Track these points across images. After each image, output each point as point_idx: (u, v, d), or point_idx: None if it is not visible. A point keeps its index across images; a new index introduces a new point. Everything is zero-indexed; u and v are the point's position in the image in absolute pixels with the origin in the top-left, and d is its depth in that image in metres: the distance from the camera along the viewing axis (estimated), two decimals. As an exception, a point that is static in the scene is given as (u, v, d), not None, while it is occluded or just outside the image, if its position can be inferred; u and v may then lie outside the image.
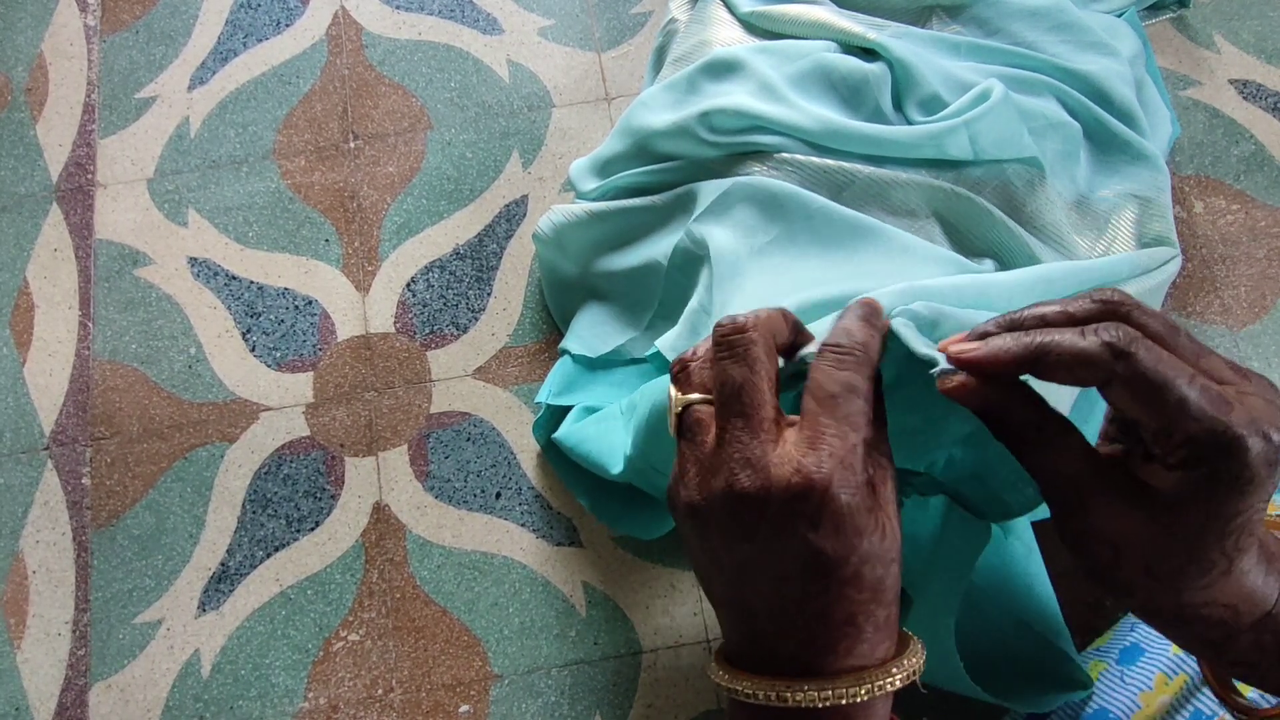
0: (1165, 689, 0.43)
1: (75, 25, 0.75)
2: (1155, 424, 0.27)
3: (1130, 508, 0.28)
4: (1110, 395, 0.28)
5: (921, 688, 0.31)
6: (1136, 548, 0.28)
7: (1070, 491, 0.29)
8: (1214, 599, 0.28)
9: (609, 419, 0.53)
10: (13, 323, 0.66)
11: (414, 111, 0.71)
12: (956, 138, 0.52)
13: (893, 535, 0.29)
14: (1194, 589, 0.27)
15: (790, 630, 0.29)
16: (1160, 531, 0.27)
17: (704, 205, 0.52)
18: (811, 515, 0.27)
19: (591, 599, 0.58)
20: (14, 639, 0.58)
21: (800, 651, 0.29)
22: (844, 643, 0.29)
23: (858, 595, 0.28)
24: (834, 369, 0.29)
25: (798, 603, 0.28)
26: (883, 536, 0.28)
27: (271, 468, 0.62)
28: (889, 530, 0.29)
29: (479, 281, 0.66)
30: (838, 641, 0.29)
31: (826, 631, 0.29)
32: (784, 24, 0.59)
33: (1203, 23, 0.72)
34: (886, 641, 0.29)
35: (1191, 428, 0.26)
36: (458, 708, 0.56)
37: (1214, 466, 0.26)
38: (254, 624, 0.58)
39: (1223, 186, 0.67)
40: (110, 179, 0.70)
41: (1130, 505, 0.28)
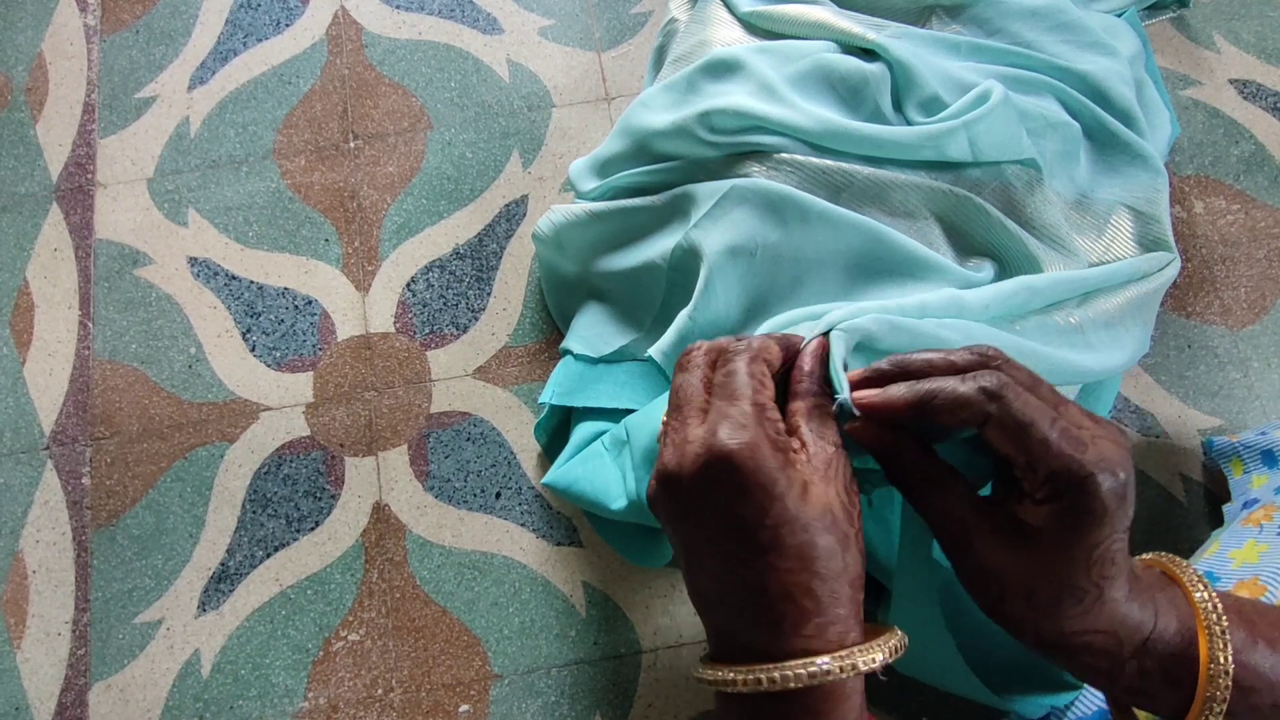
0: None
1: (75, 25, 0.75)
2: (1022, 459, 0.31)
3: (1009, 544, 0.31)
4: (986, 434, 0.31)
5: (880, 676, 0.31)
6: (1017, 580, 0.31)
7: (957, 532, 0.32)
8: (1092, 626, 0.31)
9: (594, 457, 0.53)
10: (13, 322, 0.66)
11: (414, 111, 0.71)
12: (955, 139, 0.52)
13: (820, 504, 0.30)
14: (1072, 617, 0.31)
15: (739, 610, 0.31)
16: (1035, 564, 0.31)
17: (703, 209, 0.52)
18: (719, 480, 0.30)
19: (591, 599, 0.58)
20: (14, 639, 0.59)
21: (754, 634, 0.31)
22: (787, 621, 0.30)
23: (782, 564, 0.30)
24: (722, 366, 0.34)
25: (737, 577, 0.31)
26: (803, 499, 0.30)
27: (271, 468, 0.62)
28: (815, 496, 0.30)
29: (479, 281, 0.66)
30: (781, 619, 0.30)
31: (767, 608, 0.30)
32: (784, 24, 0.59)
33: (1203, 23, 0.72)
34: (837, 625, 0.30)
35: (1052, 464, 0.30)
36: (458, 707, 0.56)
37: (1071, 500, 0.30)
38: (254, 624, 0.58)
39: (1223, 186, 0.67)
40: (110, 179, 0.70)
41: (1009, 541, 0.32)
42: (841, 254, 0.51)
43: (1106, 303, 0.51)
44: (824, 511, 0.30)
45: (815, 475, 0.31)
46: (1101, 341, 0.50)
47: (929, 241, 0.52)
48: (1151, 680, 0.31)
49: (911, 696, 0.54)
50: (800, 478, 0.30)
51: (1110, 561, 0.30)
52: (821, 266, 0.51)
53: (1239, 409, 0.61)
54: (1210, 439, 0.58)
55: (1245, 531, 0.48)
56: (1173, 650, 0.31)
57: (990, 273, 0.52)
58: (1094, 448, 0.30)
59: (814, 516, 0.30)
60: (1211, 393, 0.62)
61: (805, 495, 0.30)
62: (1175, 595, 0.32)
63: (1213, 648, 0.31)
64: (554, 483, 0.55)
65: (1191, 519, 0.58)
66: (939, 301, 0.45)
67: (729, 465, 0.30)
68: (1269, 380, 0.62)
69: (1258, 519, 0.49)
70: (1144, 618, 0.31)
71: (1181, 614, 0.32)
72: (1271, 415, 0.61)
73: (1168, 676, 0.31)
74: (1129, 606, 0.31)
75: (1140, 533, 0.57)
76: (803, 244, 0.51)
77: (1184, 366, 0.62)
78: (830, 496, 0.31)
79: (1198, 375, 0.62)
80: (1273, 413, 0.61)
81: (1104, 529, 0.30)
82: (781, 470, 0.30)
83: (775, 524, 0.30)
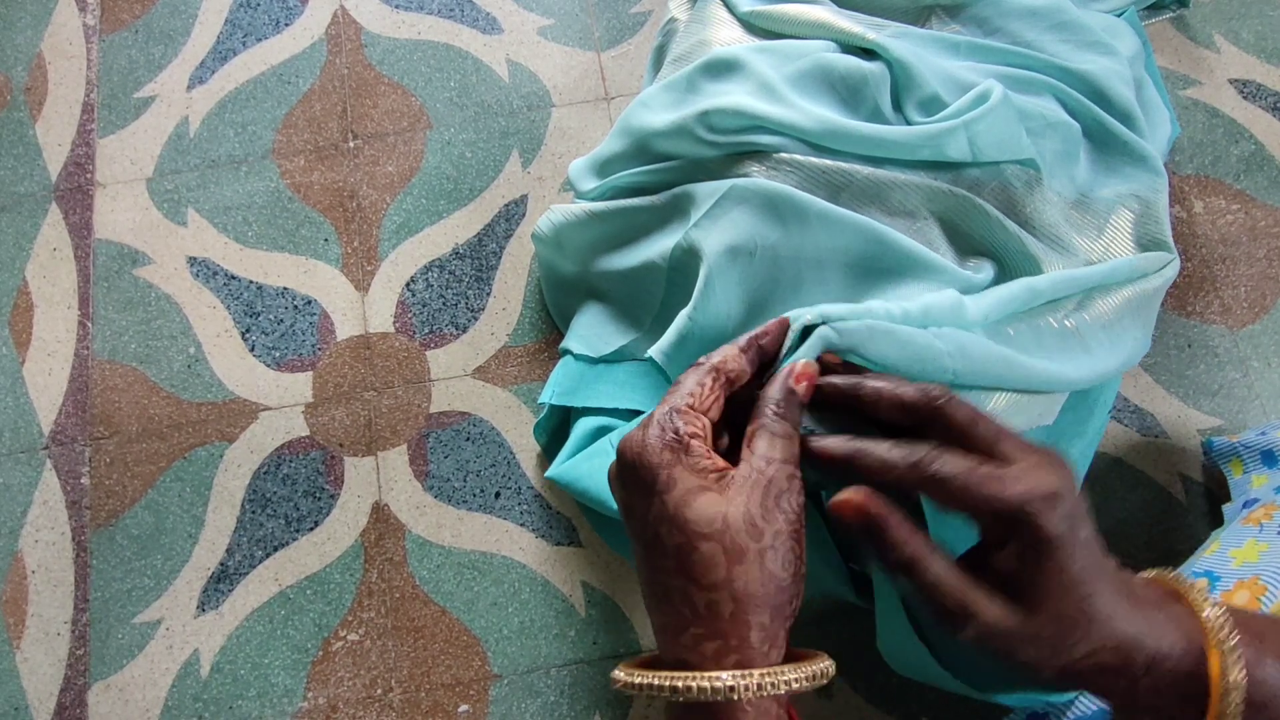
0: None
1: (75, 25, 0.75)
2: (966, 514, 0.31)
3: (1003, 599, 0.31)
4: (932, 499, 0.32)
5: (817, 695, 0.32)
6: (1020, 630, 0.31)
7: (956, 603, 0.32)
8: (1098, 645, 0.31)
9: (599, 454, 0.53)
10: (12, 322, 0.66)
11: (413, 111, 0.71)
12: (955, 139, 0.52)
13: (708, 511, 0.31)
14: (1075, 644, 0.31)
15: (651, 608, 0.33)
16: (1029, 609, 0.31)
17: (702, 209, 0.52)
18: (622, 477, 0.33)
19: (591, 599, 0.58)
20: (13, 639, 0.58)
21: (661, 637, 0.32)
22: (670, 627, 0.31)
23: (664, 561, 0.31)
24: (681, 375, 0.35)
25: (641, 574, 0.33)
26: (684, 502, 0.31)
27: (271, 467, 0.62)
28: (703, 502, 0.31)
29: (478, 281, 0.66)
30: (665, 624, 0.31)
31: (655, 609, 0.32)
32: (783, 24, 0.59)
33: (1203, 23, 0.72)
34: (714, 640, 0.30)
35: (989, 509, 0.30)
36: (457, 707, 0.56)
37: (1021, 536, 0.30)
38: (253, 624, 0.58)
39: (1223, 186, 0.67)
40: (109, 179, 0.70)
41: (1002, 598, 0.31)
42: (841, 253, 0.51)
43: (1105, 303, 0.51)
44: (710, 518, 0.30)
45: (727, 485, 0.31)
46: (1100, 343, 0.50)
47: (928, 241, 0.52)
48: (1166, 698, 0.31)
49: (912, 697, 0.54)
50: (691, 481, 0.31)
51: (1084, 581, 0.31)
52: (821, 266, 0.51)
53: (1239, 409, 0.61)
54: (1210, 439, 0.58)
55: (1246, 531, 0.48)
56: (1183, 667, 0.31)
57: (990, 273, 0.52)
58: (1020, 483, 0.30)
59: (697, 521, 0.30)
60: (1211, 392, 0.62)
61: (690, 498, 0.31)
62: (1178, 612, 0.32)
63: (1224, 664, 0.30)
64: (558, 477, 0.55)
65: (1191, 519, 0.58)
66: (943, 305, 0.45)
67: (621, 461, 0.33)
68: (1269, 380, 0.62)
69: (1258, 518, 0.49)
70: (1146, 632, 0.31)
71: (1188, 630, 0.31)
72: (1271, 415, 0.61)
73: (1181, 694, 0.31)
74: (1128, 622, 0.31)
75: (1141, 533, 0.57)
76: (802, 244, 0.51)
77: (1184, 366, 0.62)
78: (729, 506, 0.31)
79: (1198, 375, 0.62)
80: (1273, 412, 0.61)
81: (1064, 551, 0.30)
82: (665, 468, 0.31)
83: (655, 520, 0.31)
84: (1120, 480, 0.59)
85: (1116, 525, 0.58)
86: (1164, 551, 0.57)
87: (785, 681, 0.30)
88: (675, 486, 0.31)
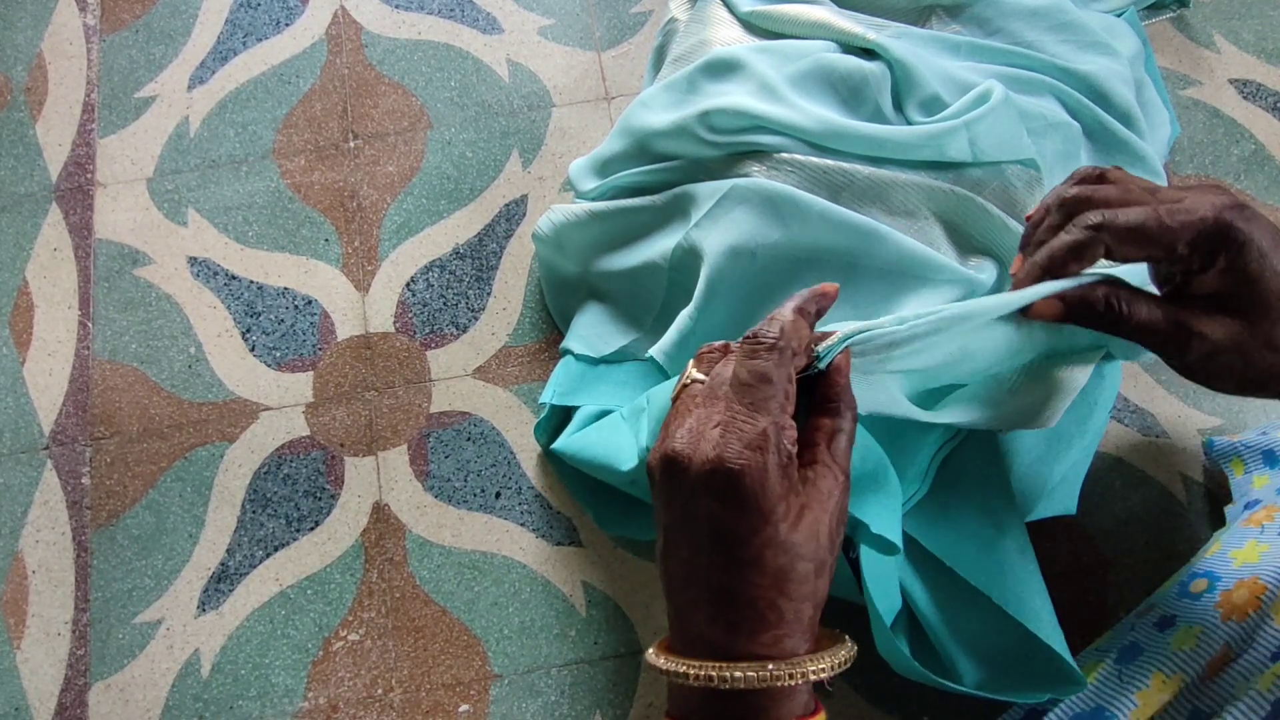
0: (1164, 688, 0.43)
1: (75, 25, 0.75)
2: (1160, 254, 0.35)
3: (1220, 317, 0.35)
4: (1119, 256, 0.35)
5: (827, 685, 0.32)
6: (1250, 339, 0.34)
7: (1176, 331, 0.35)
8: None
9: (611, 426, 0.53)
10: (12, 322, 0.66)
11: (414, 111, 0.71)
12: (956, 139, 0.52)
13: (810, 531, 0.31)
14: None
15: (701, 604, 0.32)
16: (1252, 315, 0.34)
17: (703, 209, 0.52)
18: (720, 491, 0.31)
19: (591, 599, 0.58)
20: (13, 639, 0.58)
21: (709, 629, 0.32)
22: (745, 626, 0.31)
23: (758, 579, 0.31)
24: (748, 358, 0.32)
25: (709, 575, 0.31)
26: (794, 526, 0.31)
27: (271, 467, 0.62)
28: (807, 523, 0.31)
29: (479, 281, 0.66)
30: (739, 623, 0.31)
31: (729, 609, 0.31)
32: (784, 24, 0.59)
33: (1203, 22, 0.72)
34: (793, 638, 0.31)
35: (1182, 239, 0.34)
36: (457, 707, 0.56)
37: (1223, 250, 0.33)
38: (254, 624, 0.58)
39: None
40: (110, 178, 0.70)
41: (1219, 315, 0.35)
42: (842, 254, 0.51)
43: None
44: (810, 538, 0.31)
45: (814, 501, 0.32)
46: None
47: (929, 241, 0.52)
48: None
49: (911, 696, 0.54)
50: (798, 504, 0.31)
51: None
52: (822, 266, 0.51)
53: (1239, 409, 0.61)
54: (1211, 439, 0.58)
55: (1247, 532, 0.48)
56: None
57: (992, 273, 0.52)
58: (1199, 206, 0.33)
59: (800, 542, 0.31)
60: (1212, 393, 0.62)
61: (798, 522, 0.31)
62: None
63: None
64: (563, 449, 0.55)
65: (1192, 519, 0.58)
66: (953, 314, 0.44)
67: (734, 482, 0.30)
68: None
69: (1259, 520, 0.49)
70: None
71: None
72: (1272, 415, 0.61)
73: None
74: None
75: (1141, 533, 0.57)
76: (803, 243, 0.51)
77: (1184, 366, 0.62)
78: (821, 524, 0.31)
79: (1198, 375, 0.62)
80: (1273, 412, 0.61)
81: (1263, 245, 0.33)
82: (783, 498, 0.31)
83: (762, 544, 0.30)
84: (1121, 480, 0.59)
85: (1117, 525, 0.58)
86: (1164, 551, 0.57)
87: (821, 669, 0.31)
88: (790, 515, 0.31)
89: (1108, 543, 0.57)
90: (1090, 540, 0.57)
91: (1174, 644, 0.44)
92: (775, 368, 0.32)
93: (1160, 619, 0.47)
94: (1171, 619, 0.46)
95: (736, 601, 0.31)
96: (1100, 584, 0.56)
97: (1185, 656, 0.43)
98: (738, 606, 0.31)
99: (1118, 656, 0.46)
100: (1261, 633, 0.41)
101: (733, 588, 0.31)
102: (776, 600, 0.31)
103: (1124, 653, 0.46)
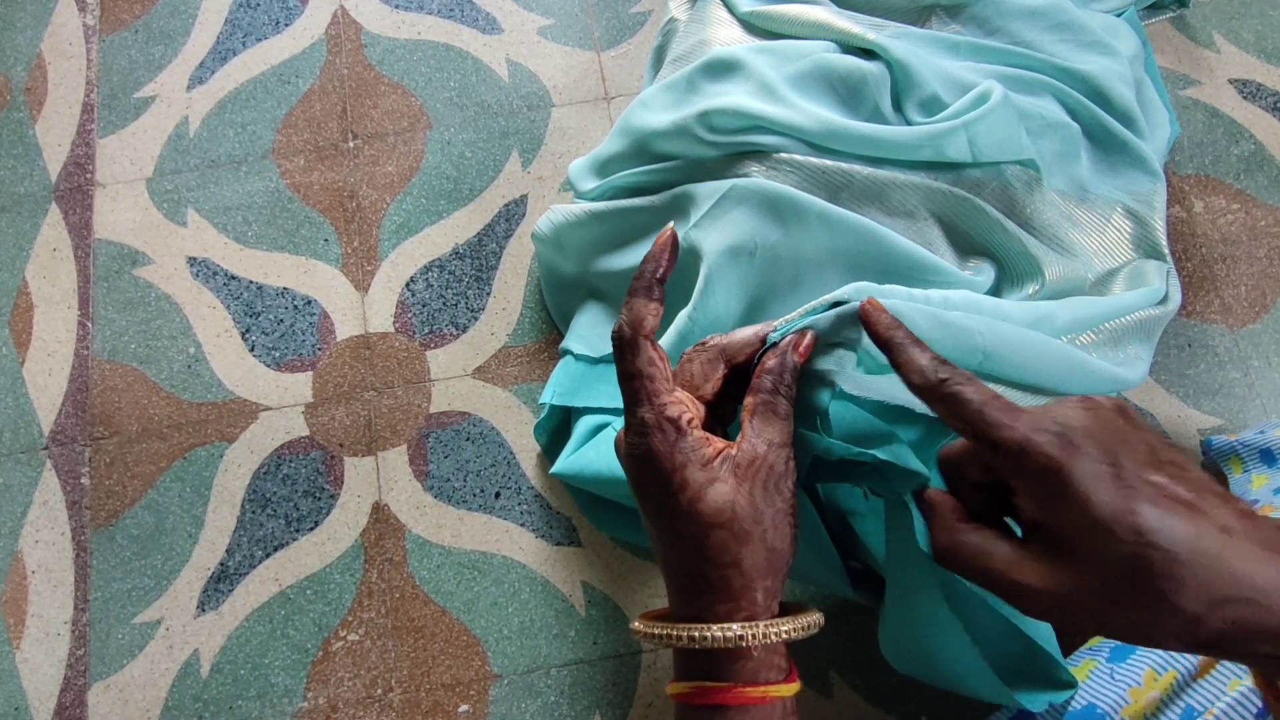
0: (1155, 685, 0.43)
1: (74, 25, 0.75)
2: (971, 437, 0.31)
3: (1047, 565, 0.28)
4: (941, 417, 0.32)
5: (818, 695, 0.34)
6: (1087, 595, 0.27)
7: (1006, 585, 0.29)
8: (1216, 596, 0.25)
9: (605, 441, 0.54)
10: (12, 322, 0.66)
11: (413, 111, 0.71)
12: (955, 139, 0.52)
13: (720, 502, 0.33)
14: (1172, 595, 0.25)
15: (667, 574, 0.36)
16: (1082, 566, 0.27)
17: (702, 209, 0.52)
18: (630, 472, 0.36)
19: (591, 599, 0.58)
20: (13, 639, 0.58)
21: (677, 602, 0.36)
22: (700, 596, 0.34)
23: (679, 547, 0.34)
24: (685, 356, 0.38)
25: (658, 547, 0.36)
26: (698, 497, 0.33)
27: (271, 467, 0.62)
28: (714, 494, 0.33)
29: (478, 281, 0.66)
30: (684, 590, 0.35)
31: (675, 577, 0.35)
32: (783, 24, 0.59)
33: (1203, 22, 0.72)
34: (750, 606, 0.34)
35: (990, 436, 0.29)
36: (457, 707, 0.56)
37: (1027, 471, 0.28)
38: (253, 624, 0.58)
39: (1223, 186, 0.67)
40: (109, 179, 0.70)
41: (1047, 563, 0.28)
42: (840, 254, 0.51)
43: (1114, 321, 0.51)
44: (720, 509, 0.33)
45: (728, 473, 0.34)
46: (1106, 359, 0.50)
47: (928, 241, 0.52)
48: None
49: (912, 696, 0.54)
50: (700, 477, 0.33)
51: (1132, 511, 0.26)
52: (820, 266, 0.51)
53: (1239, 408, 0.61)
54: (1209, 438, 0.58)
55: (1245, 531, 0.48)
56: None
57: (990, 274, 0.52)
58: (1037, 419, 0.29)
59: (708, 514, 0.33)
60: (1211, 392, 0.62)
61: (701, 495, 0.33)
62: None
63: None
64: (564, 471, 0.54)
65: (1191, 519, 0.58)
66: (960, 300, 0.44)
67: (627, 464, 0.35)
68: (1269, 379, 0.62)
69: (1257, 519, 0.49)
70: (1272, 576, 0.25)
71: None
72: (1271, 414, 0.61)
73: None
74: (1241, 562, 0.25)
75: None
76: (802, 244, 0.51)
77: (1184, 366, 0.62)
78: (736, 495, 0.33)
79: (1198, 374, 0.62)
80: (1273, 412, 0.61)
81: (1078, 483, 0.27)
82: (676, 472, 0.33)
83: (670, 516, 0.34)
84: (1120, 480, 0.59)
85: (1116, 525, 0.58)
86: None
87: (785, 631, 0.34)
88: (688, 487, 0.33)
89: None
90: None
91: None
92: (630, 361, 0.35)
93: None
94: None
95: (676, 571, 0.35)
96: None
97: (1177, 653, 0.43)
98: (679, 575, 0.35)
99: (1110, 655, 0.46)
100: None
101: (670, 560, 0.35)
102: (702, 567, 0.34)
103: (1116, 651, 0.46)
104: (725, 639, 0.33)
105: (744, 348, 0.38)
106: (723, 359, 0.38)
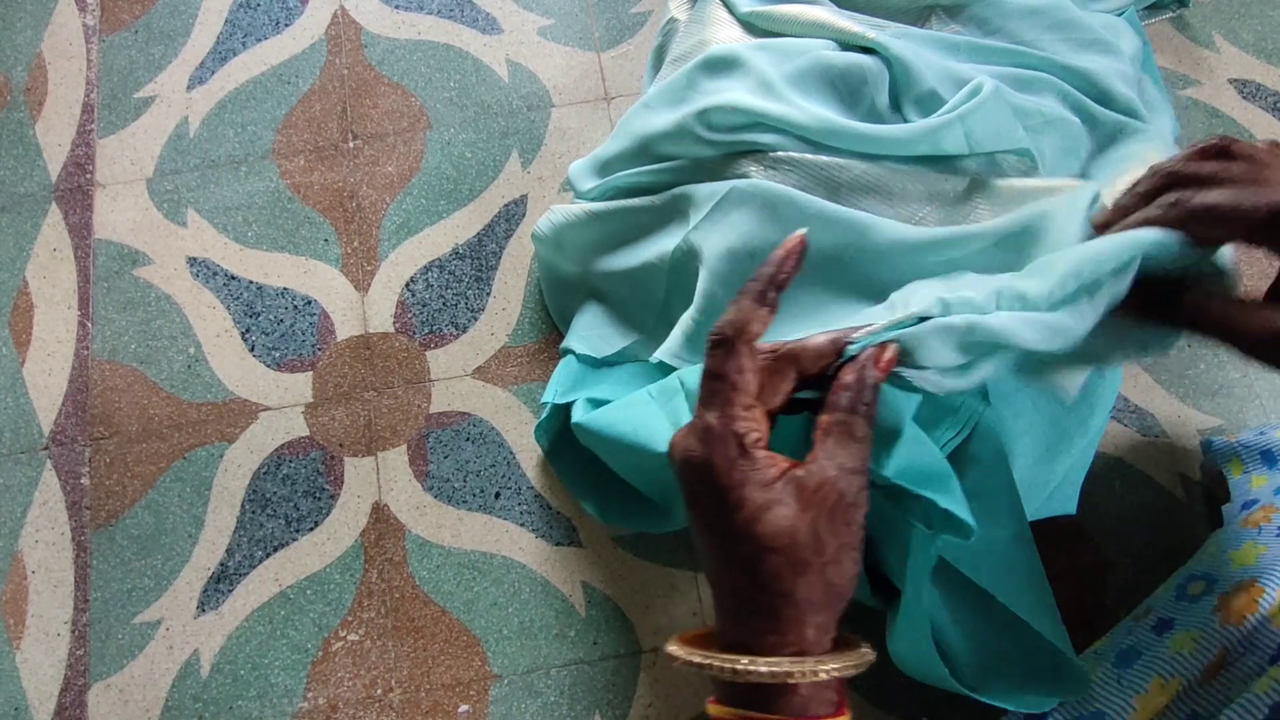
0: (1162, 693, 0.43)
1: (74, 25, 0.75)
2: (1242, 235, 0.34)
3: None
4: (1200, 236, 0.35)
5: None
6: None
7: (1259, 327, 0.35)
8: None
9: (638, 404, 0.51)
10: (12, 323, 0.66)
11: (413, 111, 0.71)
12: (952, 132, 0.52)
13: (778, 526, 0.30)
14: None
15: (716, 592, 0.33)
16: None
17: (702, 211, 0.52)
18: (682, 480, 0.33)
19: (591, 599, 0.58)
20: (13, 639, 0.59)
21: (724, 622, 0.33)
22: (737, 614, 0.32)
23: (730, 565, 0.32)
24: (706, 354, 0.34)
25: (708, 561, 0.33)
26: (755, 519, 0.31)
27: (271, 468, 0.62)
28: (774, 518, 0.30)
29: (478, 281, 0.66)
30: (733, 612, 0.32)
31: (727, 599, 0.32)
32: (783, 24, 0.59)
33: (1203, 23, 0.72)
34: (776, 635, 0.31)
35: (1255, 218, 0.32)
36: (457, 707, 0.56)
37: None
38: (253, 624, 0.58)
39: (1223, 186, 0.67)
40: (109, 179, 0.70)
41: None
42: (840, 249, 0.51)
43: None
44: (778, 534, 0.30)
45: (791, 496, 0.31)
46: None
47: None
48: None
49: (912, 696, 0.54)
50: (764, 498, 0.31)
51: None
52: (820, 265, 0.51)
53: (1239, 409, 0.61)
54: (1209, 439, 0.58)
55: (1245, 533, 0.48)
56: None
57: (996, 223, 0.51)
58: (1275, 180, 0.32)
59: (765, 537, 0.30)
60: (1211, 392, 0.62)
61: (758, 516, 0.30)
62: None
63: None
64: (587, 423, 0.52)
65: (1191, 519, 0.58)
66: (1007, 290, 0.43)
67: (685, 472, 0.32)
68: (1269, 380, 0.62)
69: (1257, 520, 0.49)
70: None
71: None
72: (1271, 415, 0.61)
73: None
74: None
75: (1140, 533, 0.57)
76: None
77: (1184, 366, 0.62)
78: (798, 521, 0.31)
79: (1198, 375, 0.62)
80: (1273, 412, 0.61)
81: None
82: (735, 489, 0.31)
83: (723, 534, 0.31)
84: (1120, 480, 0.59)
85: (1116, 525, 0.58)
86: (1164, 551, 0.57)
87: (835, 669, 0.31)
88: (744, 506, 0.31)
89: (1107, 543, 0.57)
90: (1089, 540, 0.57)
91: (1172, 647, 0.44)
92: (721, 362, 0.33)
93: (1158, 622, 0.47)
94: (1169, 622, 0.46)
95: (725, 590, 0.32)
96: (1099, 584, 0.56)
97: (1183, 660, 0.43)
98: (727, 595, 0.32)
99: (1116, 660, 0.46)
100: (1259, 636, 0.41)
101: (719, 579, 0.33)
102: (752, 591, 0.31)
103: (1122, 656, 0.46)
104: (773, 675, 0.30)
105: (818, 359, 0.34)
106: (794, 369, 0.34)
